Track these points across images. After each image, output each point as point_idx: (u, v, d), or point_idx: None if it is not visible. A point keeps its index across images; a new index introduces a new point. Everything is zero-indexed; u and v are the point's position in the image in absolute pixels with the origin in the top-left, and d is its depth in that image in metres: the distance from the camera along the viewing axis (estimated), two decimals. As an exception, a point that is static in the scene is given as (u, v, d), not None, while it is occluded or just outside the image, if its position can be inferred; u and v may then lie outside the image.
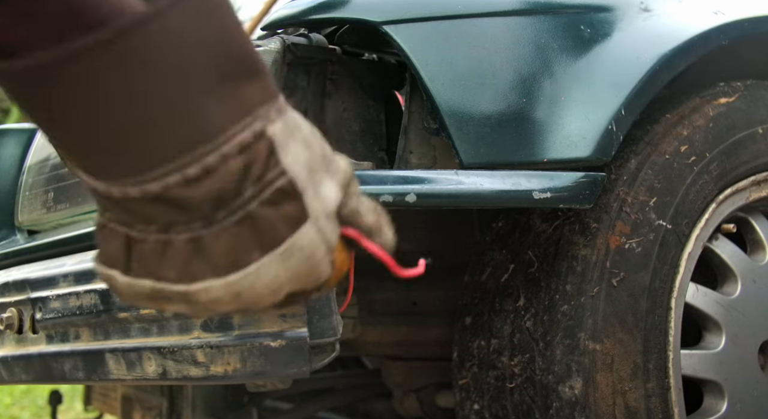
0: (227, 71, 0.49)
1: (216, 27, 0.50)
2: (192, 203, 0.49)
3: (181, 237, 0.49)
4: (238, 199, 0.49)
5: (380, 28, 0.93)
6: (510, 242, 1.04)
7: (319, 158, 0.56)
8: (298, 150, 0.53)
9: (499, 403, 1.00)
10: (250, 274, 0.50)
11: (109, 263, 0.52)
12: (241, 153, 0.49)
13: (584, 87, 0.98)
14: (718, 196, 1.09)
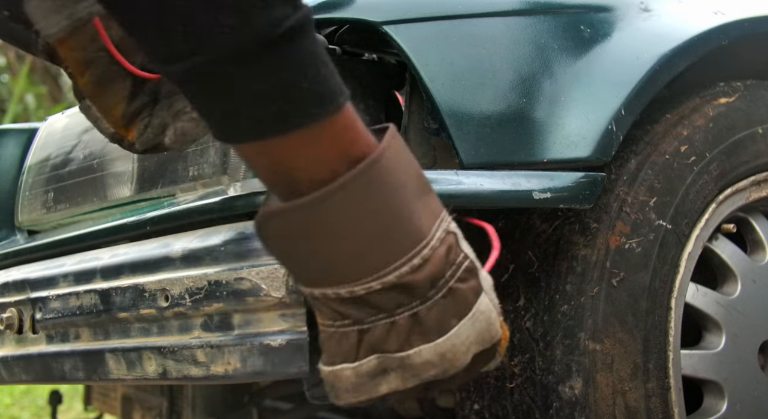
0: (421, 187, 0.66)
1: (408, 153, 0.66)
2: (416, 286, 0.63)
3: (404, 315, 0.63)
4: (443, 279, 0.64)
5: (380, 28, 0.93)
6: (510, 242, 1.04)
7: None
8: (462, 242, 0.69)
9: (499, 403, 1.00)
10: (451, 336, 0.64)
11: (339, 360, 0.66)
12: (442, 244, 0.65)
13: (584, 87, 0.98)
14: (718, 196, 1.09)
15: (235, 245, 0.81)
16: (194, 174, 0.98)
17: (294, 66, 0.57)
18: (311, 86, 0.58)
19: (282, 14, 0.55)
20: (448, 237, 0.66)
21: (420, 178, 0.66)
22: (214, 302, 0.81)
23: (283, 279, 0.78)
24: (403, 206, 0.62)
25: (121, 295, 0.94)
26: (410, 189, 0.64)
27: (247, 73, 0.55)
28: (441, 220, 0.66)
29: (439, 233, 0.65)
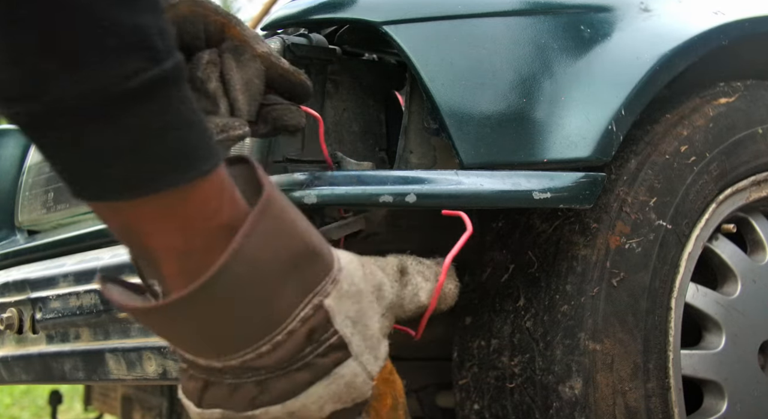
0: (297, 258, 0.62)
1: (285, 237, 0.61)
2: (264, 366, 0.62)
3: (250, 381, 0.62)
4: (298, 355, 0.62)
5: (380, 28, 0.93)
6: (510, 242, 1.04)
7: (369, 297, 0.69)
8: (348, 308, 0.66)
9: (499, 403, 1.00)
10: (301, 397, 0.63)
11: (187, 396, 0.65)
12: (303, 325, 0.62)
13: (584, 87, 0.98)
14: (718, 196, 1.09)
15: (235, 245, 0.81)
16: (194, 174, 0.98)
17: (145, 127, 0.52)
18: (166, 151, 0.53)
19: (132, 69, 0.50)
20: (317, 315, 0.63)
21: (299, 246, 0.62)
22: (214, 302, 0.81)
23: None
24: (261, 297, 0.60)
25: (121, 295, 0.94)
26: (277, 269, 0.60)
27: (86, 130, 0.51)
28: (313, 294, 0.63)
29: (303, 313, 0.62)
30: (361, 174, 0.85)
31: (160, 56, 0.52)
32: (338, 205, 0.84)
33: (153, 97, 0.52)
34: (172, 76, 0.53)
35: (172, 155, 0.54)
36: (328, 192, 0.80)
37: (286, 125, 0.82)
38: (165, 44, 0.53)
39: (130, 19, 0.50)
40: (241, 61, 0.78)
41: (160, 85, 0.52)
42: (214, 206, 0.57)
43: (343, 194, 0.81)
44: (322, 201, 0.80)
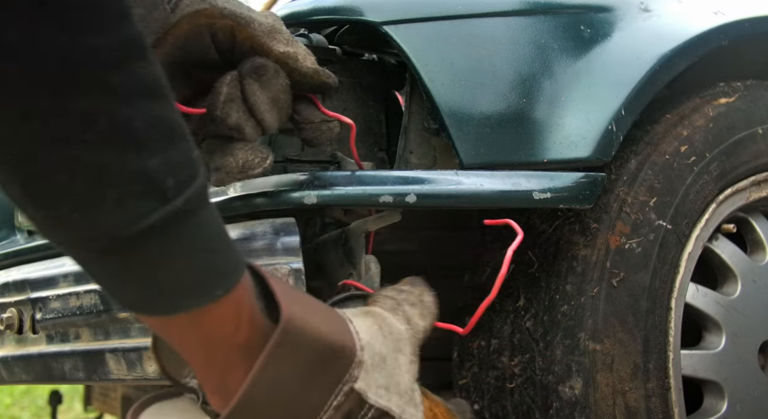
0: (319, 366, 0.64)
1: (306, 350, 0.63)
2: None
3: None
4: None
5: (380, 28, 0.93)
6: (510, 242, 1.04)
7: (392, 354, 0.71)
8: (377, 379, 0.68)
9: (499, 403, 1.00)
10: None
11: None
12: (337, 412, 0.65)
13: (584, 87, 0.98)
14: (718, 196, 1.09)
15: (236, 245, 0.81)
16: (194, 174, 0.98)
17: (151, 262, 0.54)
18: (175, 281, 0.55)
19: (139, 213, 0.52)
20: (349, 400, 0.66)
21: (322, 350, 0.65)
22: (214, 302, 0.81)
23: (283, 279, 0.78)
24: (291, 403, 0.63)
25: (121, 295, 0.94)
26: (300, 379, 0.63)
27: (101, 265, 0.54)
28: (342, 384, 0.66)
29: (336, 402, 0.65)
30: (361, 174, 0.85)
31: (170, 195, 0.53)
32: (338, 205, 0.84)
33: (162, 234, 0.53)
34: (184, 210, 0.54)
35: (182, 284, 0.56)
36: (328, 192, 0.80)
37: (318, 142, 0.83)
38: (178, 180, 0.53)
39: (135, 165, 0.51)
40: (263, 81, 0.76)
41: (171, 222, 0.53)
42: (231, 326, 0.59)
43: (343, 194, 0.81)
44: (322, 201, 0.80)
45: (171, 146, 0.53)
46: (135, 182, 0.51)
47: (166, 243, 0.53)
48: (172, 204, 0.53)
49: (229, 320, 0.59)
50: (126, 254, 0.53)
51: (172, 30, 0.73)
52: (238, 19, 0.76)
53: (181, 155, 0.54)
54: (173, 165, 0.53)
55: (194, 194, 0.54)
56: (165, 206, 0.53)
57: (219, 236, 0.58)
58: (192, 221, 0.55)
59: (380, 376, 0.69)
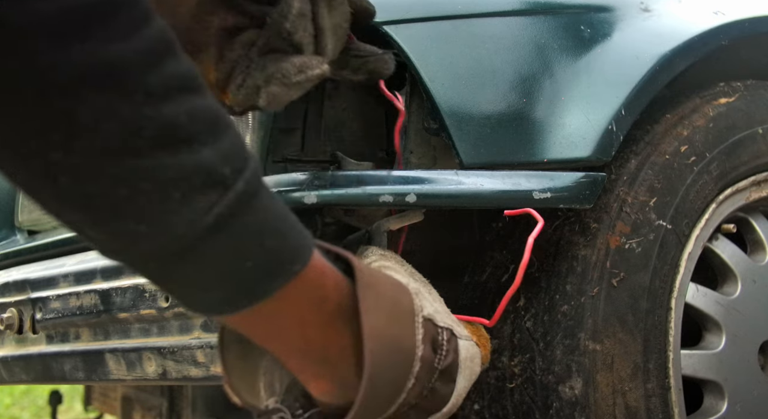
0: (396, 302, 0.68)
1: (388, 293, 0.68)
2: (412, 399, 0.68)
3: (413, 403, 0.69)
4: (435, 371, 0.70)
5: (380, 28, 0.93)
6: (510, 242, 1.04)
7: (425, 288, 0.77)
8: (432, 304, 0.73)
9: (499, 403, 1.00)
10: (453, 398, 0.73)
11: None
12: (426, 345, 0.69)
13: (584, 87, 0.98)
14: (718, 196, 1.09)
15: (235, 245, 0.81)
16: (194, 174, 0.98)
17: (226, 253, 0.54)
18: (252, 266, 0.55)
19: (203, 208, 0.52)
20: (428, 328, 0.70)
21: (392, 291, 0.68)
22: (214, 302, 0.81)
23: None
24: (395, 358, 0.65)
25: (121, 295, 0.94)
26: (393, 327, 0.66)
27: (175, 268, 0.53)
28: (417, 315, 0.69)
29: (420, 335, 0.68)
30: (361, 174, 0.85)
31: (229, 182, 0.53)
32: (338, 205, 0.84)
33: (231, 221, 0.53)
34: (246, 193, 0.54)
35: (260, 267, 0.55)
36: (328, 192, 0.80)
37: (382, 74, 0.84)
38: (233, 166, 0.53)
39: (191, 160, 0.51)
40: (332, 5, 0.74)
41: (237, 207, 0.53)
42: (319, 297, 0.60)
43: (343, 194, 0.81)
44: (322, 201, 0.80)
45: (219, 135, 0.53)
46: (195, 177, 0.51)
47: (238, 229, 0.53)
48: (234, 190, 0.53)
49: (315, 291, 0.59)
50: (199, 251, 0.52)
51: None
52: None
53: (230, 142, 0.54)
54: (226, 153, 0.53)
55: (252, 176, 0.55)
56: (228, 192, 0.53)
57: (284, 212, 0.58)
58: (256, 202, 0.55)
59: (434, 304, 0.73)
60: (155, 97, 0.49)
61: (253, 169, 0.55)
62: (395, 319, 0.66)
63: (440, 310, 0.74)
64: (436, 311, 0.72)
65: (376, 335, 0.62)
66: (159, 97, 0.49)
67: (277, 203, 0.58)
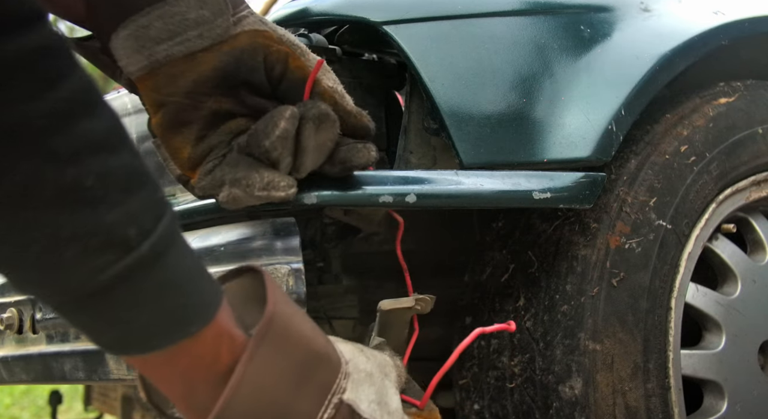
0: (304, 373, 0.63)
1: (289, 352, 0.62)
2: None
3: None
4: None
5: (380, 28, 0.93)
6: (510, 242, 1.04)
7: (379, 375, 0.71)
8: (368, 393, 0.68)
9: (499, 403, 1.00)
10: None
11: None
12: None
13: (584, 87, 0.98)
14: (718, 196, 1.09)
15: (235, 245, 0.81)
16: (194, 174, 0.98)
17: (125, 307, 0.54)
18: (146, 323, 0.55)
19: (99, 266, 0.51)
20: (341, 412, 0.65)
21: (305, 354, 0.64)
22: (214, 302, 0.81)
23: (282, 279, 0.78)
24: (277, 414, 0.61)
25: (121, 295, 0.94)
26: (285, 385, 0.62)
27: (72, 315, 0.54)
28: (331, 394, 0.65)
29: (327, 415, 0.64)
30: (361, 174, 0.85)
31: (132, 244, 0.52)
32: (338, 205, 0.84)
33: (128, 281, 0.53)
34: (150, 255, 0.53)
35: (155, 324, 0.56)
36: (328, 192, 0.80)
37: (354, 165, 0.78)
38: (141, 228, 0.53)
39: (92, 221, 0.51)
40: (321, 127, 0.73)
41: (136, 269, 0.53)
42: (210, 357, 0.59)
43: (343, 194, 0.81)
44: (322, 201, 0.80)
45: (131, 195, 0.53)
46: (93, 238, 0.51)
47: (134, 289, 0.53)
48: (137, 251, 0.53)
49: (207, 351, 0.59)
50: (92, 305, 0.53)
51: (231, 40, 0.73)
52: (294, 47, 0.77)
53: (143, 203, 0.54)
54: (134, 214, 0.53)
55: (160, 237, 0.54)
56: (129, 254, 0.52)
57: (191, 272, 0.57)
58: (161, 263, 0.54)
59: (370, 391, 0.68)
60: (58, 159, 0.49)
61: (164, 228, 0.54)
62: (294, 385, 0.62)
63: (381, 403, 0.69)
64: (371, 401, 0.68)
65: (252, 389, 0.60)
66: (64, 160, 0.49)
67: (188, 260, 0.57)
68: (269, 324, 0.61)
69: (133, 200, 0.53)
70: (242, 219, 0.85)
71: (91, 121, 0.51)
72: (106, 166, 0.51)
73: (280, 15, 1.02)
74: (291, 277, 0.78)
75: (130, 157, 0.53)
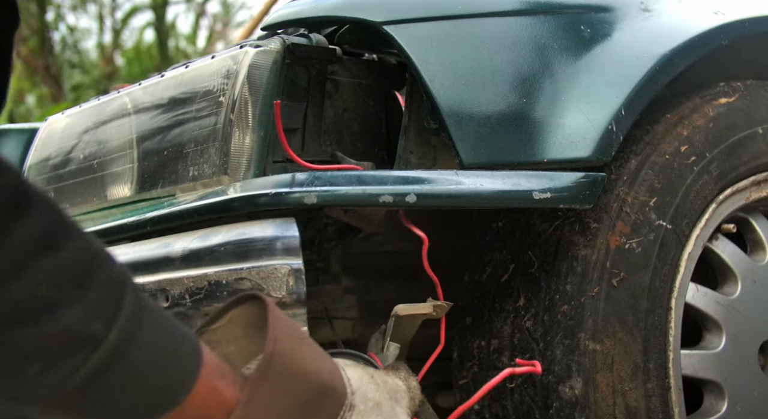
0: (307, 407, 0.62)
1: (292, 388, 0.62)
2: None
3: None
4: None
5: (380, 28, 0.93)
6: (510, 242, 1.04)
7: (388, 403, 0.71)
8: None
9: (499, 403, 1.00)
10: None
11: None
12: None
13: (584, 87, 0.98)
14: (718, 196, 1.09)
15: (235, 245, 0.81)
16: (194, 174, 0.98)
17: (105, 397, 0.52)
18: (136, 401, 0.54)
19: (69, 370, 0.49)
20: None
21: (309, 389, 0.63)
22: (214, 302, 0.81)
23: (283, 279, 0.78)
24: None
25: (121, 295, 0.94)
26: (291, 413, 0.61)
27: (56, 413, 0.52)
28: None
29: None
30: (361, 174, 0.85)
31: (100, 336, 0.50)
32: (338, 205, 0.84)
33: (104, 373, 0.51)
34: (121, 340, 0.51)
35: (140, 404, 0.54)
36: (328, 192, 0.80)
37: None
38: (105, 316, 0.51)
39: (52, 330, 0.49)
40: None
41: (110, 359, 0.51)
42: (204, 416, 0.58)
43: (343, 194, 0.81)
44: (322, 201, 0.80)
45: (87, 289, 0.51)
46: (57, 346, 0.49)
47: (113, 378, 0.52)
48: (105, 344, 0.51)
49: (199, 412, 0.58)
50: (73, 404, 0.51)
51: None
52: None
53: (100, 291, 0.51)
54: (96, 306, 0.51)
55: (127, 319, 0.52)
56: (99, 348, 0.51)
57: (167, 341, 0.56)
58: (133, 345, 0.53)
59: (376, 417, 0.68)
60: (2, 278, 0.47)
61: (129, 307, 0.53)
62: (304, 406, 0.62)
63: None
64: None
65: None
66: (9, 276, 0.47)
67: (160, 329, 0.56)
68: (269, 364, 0.60)
69: (91, 293, 0.50)
70: (242, 219, 0.85)
71: (26, 222, 0.48)
72: (54, 267, 0.49)
73: (280, 15, 1.02)
74: (291, 277, 0.78)
75: (78, 243, 0.50)
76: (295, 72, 0.97)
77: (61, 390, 0.50)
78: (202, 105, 0.98)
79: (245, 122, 0.94)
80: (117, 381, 0.52)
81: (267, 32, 1.05)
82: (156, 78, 1.11)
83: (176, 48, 9.93)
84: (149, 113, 1.08)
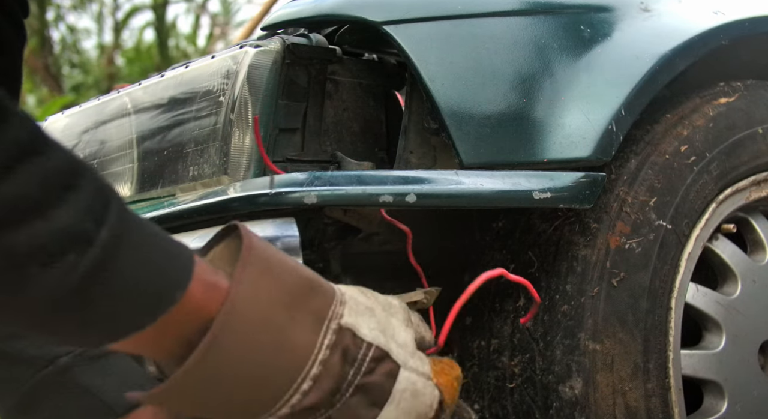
0: (296, 296, 0.62)
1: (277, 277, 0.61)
2: (315, 404, 0.62)
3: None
4: (345, 381, 0.63)
5: (380, 28, 0.93)
6: (510, 242, 1.04)
7: (382, 312, 0.69)
8: (368, 321, 0.66)
9: (499, 403, 1.00)
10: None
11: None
12: (333, 351, 0.62)
13: (584, 87, 0.98)
14: (718, 196, 1.09)
15: (235, 245, 0.81)
16: (194, 174, 0.98)
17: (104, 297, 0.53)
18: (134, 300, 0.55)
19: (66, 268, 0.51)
20: (342, 337, 0.63)
21: (294, 281, 0.63)
22: (214, 302, 0.81)
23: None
24: (273, 340, 0.60)
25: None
26: (278, 309, 0.60)
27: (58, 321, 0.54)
28: (328, 320, 0.63)
29: (327, 340, 0.62)
30: (361, 174, 0.85)
31: (92, 235, 0.52)
32: (338, 205, 0.84)
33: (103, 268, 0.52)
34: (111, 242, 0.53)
35: (142, 300, 0.55)
36: (328, 192, 0.80)
37: None
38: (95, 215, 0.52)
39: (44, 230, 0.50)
40: None
41: (102, 261, 0.52)
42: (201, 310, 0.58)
43: (343, 194, 0.81)
44: (322, 201, 0.80)
45: (74, 192, 0.52)
46: (53, 244, 0.50)
47: (108, 277, 0.53)
48: (98, 240, 0.52)
49: (195, 308, 0.58)
50: (71, 307, 0.52)
51: None
52: None
53: (87, 193, 0.53)
54: (85, 207, 0.52)
55: (117, 219, 0.54)
56: (92, 246, 0.52)
57: (157, 241, 0.57)
58: (123, 244, 0.54)
59: (371, 321, 0.66)
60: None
61: (116, 210, 0.54)
62: (287, 310, 0.61)
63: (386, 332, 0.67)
64: (371, 328, 0.65)
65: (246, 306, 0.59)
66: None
67: (149, 231, 0.57)
68: (249, 251, 0.60)
69: (79, 193, 0.52)
70: (242, 219, 0.85)
71: (8, 129, 0.50)
72: (44, 167, 0.51)
73: (280, 15, 1.02)
74: None
75: (60, 151, 0.53)
76: (295, 72, 0.98)
77: (61, 290, 0.51)
78: (202, 105, 0.98)
79: (245, 122, 0.95)
80: (113, 280, 0.53)
81: (267, 32, 1.05)
82: (156, 78, 1.11)
83: (176, 48, 9.93)
84: (149, 112, 1.08)
